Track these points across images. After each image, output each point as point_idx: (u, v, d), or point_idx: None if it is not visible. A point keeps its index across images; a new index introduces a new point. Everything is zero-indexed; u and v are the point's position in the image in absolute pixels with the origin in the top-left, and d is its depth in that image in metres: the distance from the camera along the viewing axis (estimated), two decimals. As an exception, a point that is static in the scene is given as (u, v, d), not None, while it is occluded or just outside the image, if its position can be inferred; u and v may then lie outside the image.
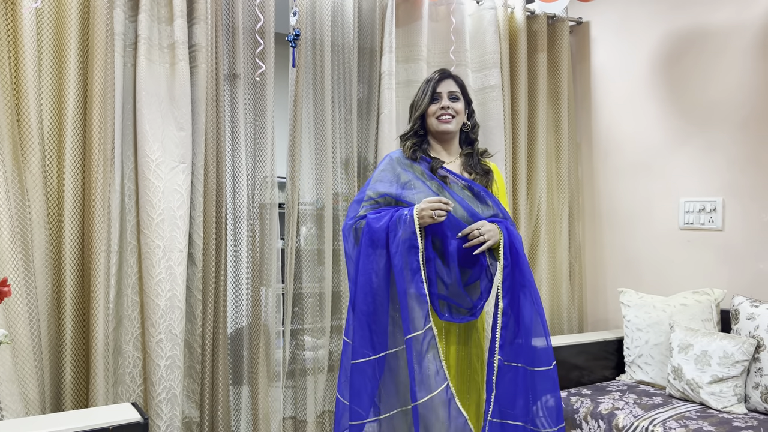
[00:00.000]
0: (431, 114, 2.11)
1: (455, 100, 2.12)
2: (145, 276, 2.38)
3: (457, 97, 2.13)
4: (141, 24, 2.37)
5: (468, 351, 2.11)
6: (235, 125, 2.66)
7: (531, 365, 1.98)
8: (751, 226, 2.80)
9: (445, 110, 2.09)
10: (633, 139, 3.29)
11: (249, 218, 2.69)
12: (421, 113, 2.11)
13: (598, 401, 2.59)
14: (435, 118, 2.10)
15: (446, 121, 2.09)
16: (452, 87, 2.13)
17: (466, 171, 2.14)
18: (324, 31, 2.79)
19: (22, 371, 2.06)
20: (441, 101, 2.10)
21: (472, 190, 2.08)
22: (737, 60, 2.85)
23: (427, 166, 2.10)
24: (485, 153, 2.19)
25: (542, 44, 3.36)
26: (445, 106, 2.09)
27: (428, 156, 2.12)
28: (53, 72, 2.26)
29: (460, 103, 2.13)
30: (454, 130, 2.12)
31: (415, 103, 2.15)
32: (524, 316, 1.98)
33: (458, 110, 2.12)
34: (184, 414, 2.50)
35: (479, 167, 2.14)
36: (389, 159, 2.14)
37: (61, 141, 2.26)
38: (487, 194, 2.09)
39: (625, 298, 2.97)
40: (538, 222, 3.36)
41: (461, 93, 2.15)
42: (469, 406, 2.10)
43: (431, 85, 2.11)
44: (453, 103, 2.11)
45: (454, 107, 2.10)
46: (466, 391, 2.10)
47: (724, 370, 2.44)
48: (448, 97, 2.10)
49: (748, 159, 2.81)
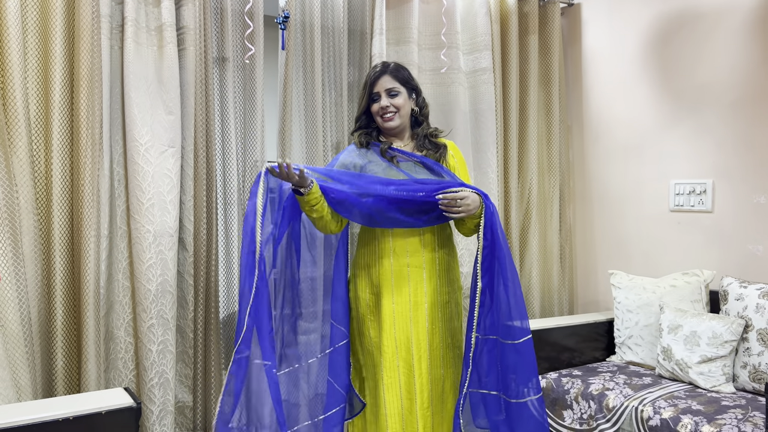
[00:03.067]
0: (374, 113, 2.18)
1: (394, 96, 2.16)
2: (135, 261, 2.37)
3: (397, 92, 2.15)
4: (128, 6, 2.34)
5: (443, 327, 2.22)
6: (225, 108, 2.64)
7: (505, 338, 2.07)
8: (740, 208, 2.82)
9: (385, 109, 2.15)
10: (624, 122, 3.29)
11: (240, 202, 2.67)
12: (360, 113, 2.21)
13: (589, 382, 2.61)
14: (379, 117, 2.17)
15: (389, 119, 2.16)
16: (389, 84, 2.16)
17: (418, 150, 2.21)
18: (314, 13, 2.77)
19: (13, 357, 2.06)
20: (380, 100, 2.15)
21: (425, 164, 2.14)
22: (728, 42, 2.84)
23: (378, 150, 2.18)
24: (435, 130, 2.24)
25: (533, 26, 3.35)
26: (385, 106, 2.14)
27: (378, 141, 2.19)
28: (39, 55, 2.23)
29: (400, 98, 2.16)
30: (398, 125, 2.18)
31: (359, 101, 2.22)
32: (501, 294, 2.06)
33: (399, 105, 2.16)
34: (177, 398, 2.51)
35: (429, 143, 2.19)
36: (346, 153, 2.21)
37: (48, 125, 2.23)
38: (439, 167, 2.16)
39: (616, 280, 2.99)
40: (529, 205, 3.36)
41: (402, 85, 2.16)
42: (445, 380, 2.20)
43: (368, 86, 2.17)
44: (393, 99, 2.15)
45: (394, 104, 2.15)
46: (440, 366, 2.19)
47: (713, 350, 2.46)
48: (386, 95, 2.15)
49: (738, 141, 2.82)
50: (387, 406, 2.09)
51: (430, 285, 2.17)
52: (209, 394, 2.56)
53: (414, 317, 2.15)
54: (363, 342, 2.23)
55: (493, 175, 3.15)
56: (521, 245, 3.37)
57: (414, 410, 2.10)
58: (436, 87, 3.10)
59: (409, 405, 2.11)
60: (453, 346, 2.25)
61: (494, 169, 3.15)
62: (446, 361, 2.21)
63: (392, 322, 2.13)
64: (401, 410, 2.09)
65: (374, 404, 2.18)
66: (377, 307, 2.18)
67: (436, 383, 2.16)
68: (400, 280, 2.15)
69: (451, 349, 2.24)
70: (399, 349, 2.12)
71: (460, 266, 2.48)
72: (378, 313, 2.17)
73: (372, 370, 2.19)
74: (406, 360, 2.12)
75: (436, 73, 3.09)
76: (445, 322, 2.21)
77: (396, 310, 2.14)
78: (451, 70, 3.08)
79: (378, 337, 2.16)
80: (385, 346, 2.13)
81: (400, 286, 2.15)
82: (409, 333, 2.13)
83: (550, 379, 2.74)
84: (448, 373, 2.21)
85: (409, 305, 2.15)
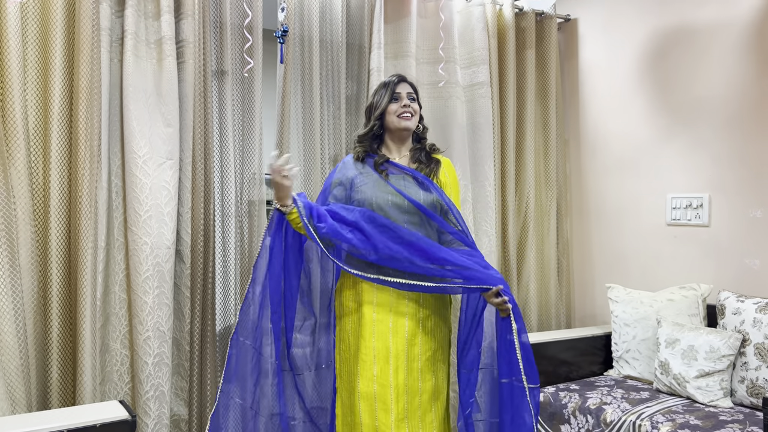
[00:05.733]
0: (392, 112, 2.23)
1: (413, 100, 2.26)
2: (132, 273, 2.36)
3: (414, 98, 2.27)
4: (128, 19, 2.35)
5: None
6: (223, 121, 2.65)
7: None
8: (736, 222, 2.83)
9: (406, 108, 2.22)
10: (620, 136, 3.31)
11: (237, 215, 2.67)
12: (381, 112, 2.24)
13: (587, 396, 2.60)
14: (396, 116, 2.22)
15: (407, 118, 2.22)
16: (410, 89, 2.27)
17: (414, 162, 2.26)
18: (312, 27, 2.78)
19: (8, 369, 2.04)
20: (401, 101, 2.23)
21: (416, 178, 2.21)
22: (723, 57, 2.87)
23: (372, 163, 2.24)
24: (433, 146, 2.31)
25: (530, 41, 3.37)
26: (406, 105, 2.23)
27: (375, 153, 2.25)
28: (38, 68, 2.24)
29: (416, 104, 2.27)
30: (413, 127, 2.26)
31: (375, 103, 2.26)
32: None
33: (416, 110, 2.26)
34: (173, 411, 2.49)
35: (425, 156, 2.26)
36: (340, 170, 2.27)
37: (46, 137, 2.24)
38: (429, 182, 2.22)
39: (613, 294, 2.99)
40: (526, 218, 3.37)
41: (416, 96, 2.29)
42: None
43: (391, 86, 2.24)
44: (412, 102, 2.25)
45: (413, 107, 2.25)
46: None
47: (711, 365, 2.46)
48: (407, 97, 2.24)
49: (734, 155, 2.83)
50: (362, 415, 2.09)
51: (413, 296, 2.17)
52: (205, 407, 2.54)
53: (394, 327, 2.14)
54: (341, 349, 2.22)
55: (490, 189, 3.16)
56: (518, 259, 3.37)
57: (389, 422, 2.08)
58: (434, 101, 3.12)
59: (384, 417, 2.09)
60: (434, 359, 2.20)
61: (491, 183, 3.16)
62: (424, 373, 2.16)
63: (372, 331, 2.13)
64: (375, 422, 2.08)
65: (349, 413, 2.17)
66: (358, 315, 2.18)
67: (412, 395, 2.13)
68: (383, 290, 2.15)
69: (432, 362, 2.19)
70: (377, 359, 2.11)
71: None
72: (359, 322, 2.17)
73: (347, 379, 2.18)
74: (384, 370, 2.11)
75: (434, 87, 3.10)
76: (426, 334, 2.19)
77: (377, 319, 2.14)
78: (448, 84, 3.10)
79: (356, 346, 2.15)
80: (363, 355, 2.12)
81: (383, 296, 2.15)
82: (389, 343, 2.13)
83: (547, 393, 2.73)
84: (426, 386, 2.16)
85: (390, 315, 2.14)
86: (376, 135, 2.26)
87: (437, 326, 2.22)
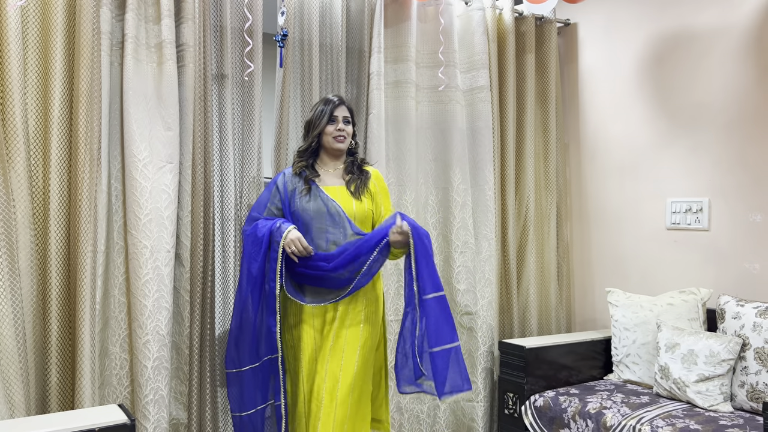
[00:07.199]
0: (328, 133, 2.43)
1: (348, 123, 2.46)
2: (132, 276, 2.36)
3: (349, 121, 2.47)
4: (128, 23, 2.36)
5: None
6: (223, 125, 2.65)
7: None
8: (736, 226, 2.83)
9: (341, 132, 2.43)
10: (620, 140, 3.31)
11: (236, 219, 2.67)
12: (318, 132, 2.43)
13: (586, 400, 2.60)
14: (332, 137, 2.43)
15: (341, 140, 2.44)
16: (346, 113, 2.46)
17: (347, 174, 2.48)
18: (312, 31, 2.79)
19: (7, 373, 2.04)
20: (337, 123, 2.43)
21: (348, 189, 2.43)
22: (722, 62, 2.87)
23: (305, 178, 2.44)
24: (363, 160, 2.55)
25: (530, 45, 3.38)
26: (341, 128, 2.43)
27: (311, 169, 2.45)
28: (39, 71, 2.24)
29: (350, 127, 2.47)
30: (345, 148, 2.48)
31: (314, 121, 2.44)
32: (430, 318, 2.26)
33: (349, 132, 2.46)
34: (172, 416, 2.49)
35: (356, 169, 2.49)
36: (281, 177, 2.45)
37: (46, 141, 2.24)
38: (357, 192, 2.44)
39: (613, 298, 2.99)
40: (526, 222, 3.37)
41: (351, 118, 2.48)
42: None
43: (329, 108, 2.42)
44: (346, 126, 2.45)
45: (347, 130, 2.45)
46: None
47: (711, 369, 2.46)
48: (342, 120, 2.44)
49: (734, 160, 2.83)
50: (297, 405, 2.35)
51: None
52: (204, 411, 2.54)
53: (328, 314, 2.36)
54: (285, 339, 2.41)
55: (490, 193, 3.16)
56: (518, 263, 3.37)
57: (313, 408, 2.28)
58: (434, 105, 3.12)
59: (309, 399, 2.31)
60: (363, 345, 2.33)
61: (491, 187, 3.16)
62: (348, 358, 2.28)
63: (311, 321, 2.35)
64: (305, 409, 2.32)
65: (293, 403, 2.40)
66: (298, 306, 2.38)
67: (331, 378, 2.26)
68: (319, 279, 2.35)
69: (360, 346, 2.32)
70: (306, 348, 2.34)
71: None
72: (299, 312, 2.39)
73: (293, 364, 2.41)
74: (311, 358, 2.33)
75: (434, 91, 3.11)
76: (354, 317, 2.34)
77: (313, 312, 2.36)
78: (448, 88, 3.10)
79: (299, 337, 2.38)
80: (304, 344, 2.35)
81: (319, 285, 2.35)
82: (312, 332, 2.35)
83: (547, 397, 2.73)
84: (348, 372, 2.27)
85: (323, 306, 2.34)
86: (314, 150, 2.46)
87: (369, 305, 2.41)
